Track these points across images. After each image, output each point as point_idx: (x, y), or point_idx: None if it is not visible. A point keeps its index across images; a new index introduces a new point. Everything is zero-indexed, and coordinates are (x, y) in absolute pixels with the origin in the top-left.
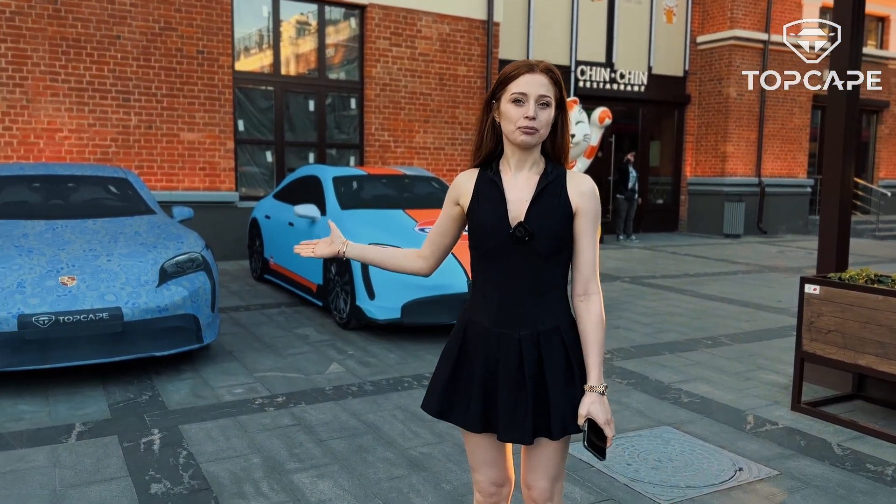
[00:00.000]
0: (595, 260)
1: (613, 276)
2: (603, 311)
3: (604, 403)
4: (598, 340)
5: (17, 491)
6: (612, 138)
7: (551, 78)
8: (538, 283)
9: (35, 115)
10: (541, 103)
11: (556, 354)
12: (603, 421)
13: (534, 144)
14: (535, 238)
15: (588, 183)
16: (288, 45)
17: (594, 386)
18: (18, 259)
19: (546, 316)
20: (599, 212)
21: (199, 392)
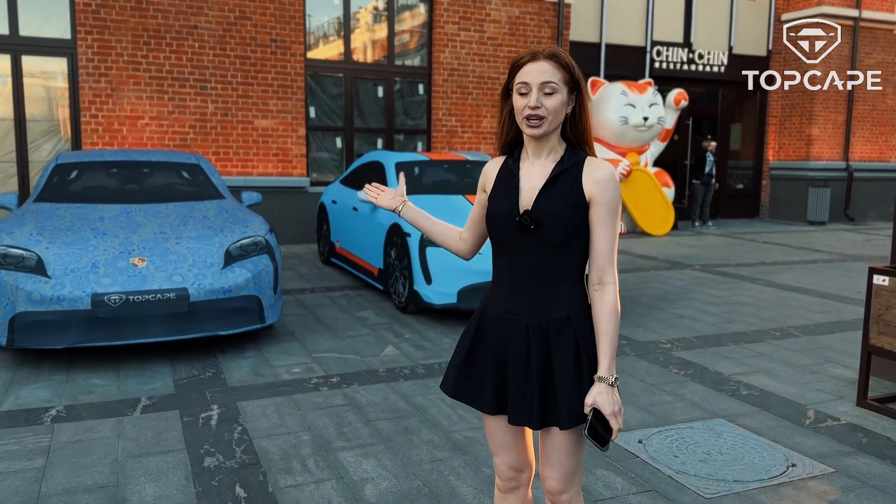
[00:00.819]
0: (611, 249)
1: (684, 264)
2: (617, 302)
3: (612, 394)
4: (610, 330)
5: (83, 459)
6: (689, 121)
7: (557, 62)
8: (548, 271)
9: (119, 104)
10: (545, 91)
11: (565, 344)
12: (608, 412)
13: (541, 134)
14: (543, 227)
15: (604, 170)
16: (358, 32)
17: (603, 376)
18: (94, 241)
19: (556, 305)
20: (617, 200)
21: (260, 370)
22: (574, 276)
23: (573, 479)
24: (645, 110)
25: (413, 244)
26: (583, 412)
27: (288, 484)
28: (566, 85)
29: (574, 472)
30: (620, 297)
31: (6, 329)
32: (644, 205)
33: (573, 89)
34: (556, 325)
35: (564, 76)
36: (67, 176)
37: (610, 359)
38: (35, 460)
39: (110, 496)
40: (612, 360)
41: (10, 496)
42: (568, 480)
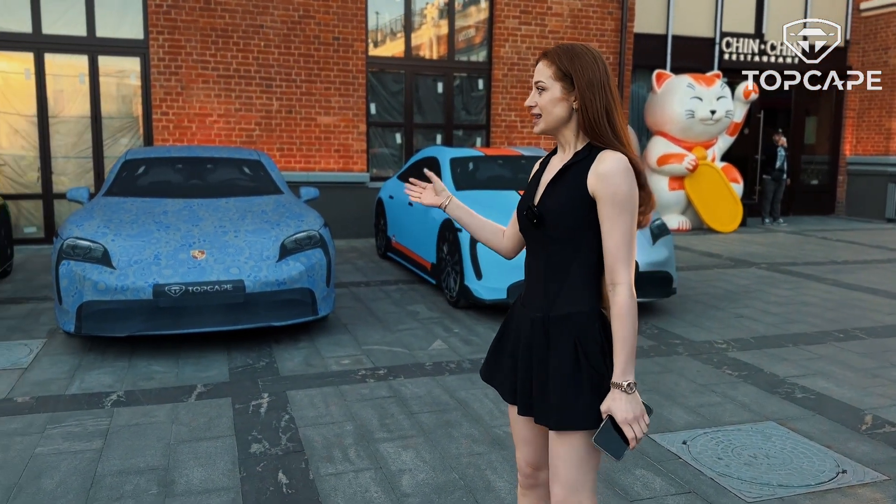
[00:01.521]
0: (619, 248)
1: (749, 262)
2: (629, 303)
3: (627, 401)
4: (622, 335)
5: (138, 442)
6: (760, 114)
7: (548, 60)
8: (553, 267)
9: (188, 102)
10: (538, 89)
11: (563, 343)
12: (620, 419)
13: (540, 130)
14: (544, 222)
15: (607, 163)
16: (419, 29)
17: (615, 382)
18: (157, 234)
19: (560, 301)
20: (624, 194)
21: (311, 361)
22: (587, 275)
23: (579, 495)
24: (712, 103)
25: (464, 239)
26: (575, 417)
27: (328, 472)
28: (558, 81)
29: (577, 489)
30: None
31: (74, 317)
32: (710, 201)
33: (572, 83)
34: (555, 323)
35: (556, 72)
36: (135, 171)
37: (624, 363)
38: (94, 442)
39: (160, 478)
40: (627, 364)
41: (68, 475)
42: (570, 495)
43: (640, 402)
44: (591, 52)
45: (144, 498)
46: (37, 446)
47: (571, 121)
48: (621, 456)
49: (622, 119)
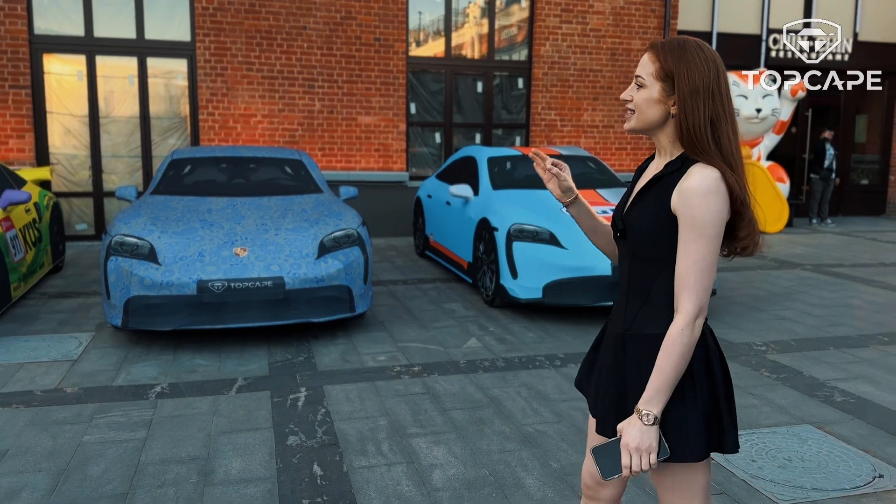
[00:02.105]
0: (687, 275)
1: (794, 264)
2: (679, 334)
3: (639, 429)
4: (660, 364)
5: (180, 433)
6: (808, 112)
7: (654, 54)
8: (635, 283)
9: (233, 102)
10: (636, 83)
11: (641, 364)
12: (624, 442)
13: (630, 128)
14: (627, 235)
15: (692, 179)
16: (459, 28)
17: (638, 406)
18: (201, 231)
19: (639, 320)
20: (704, 216)
21: (348, 357)
22: (667, 296)
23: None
24: (758, 101)
25: (500, 238)
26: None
27: (361, 465)
28: (658, 80)
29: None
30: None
31: (121, 311)
32: (756, 200)
33: (674, 85)
34: (634, 342)
35: (658, 70)
36: (181, 170)
37: (653, 392)
38: (138, 432)
39: (200, 468)
40: (655, 395)
41: (113, 463)
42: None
43: (654, 436)
44: (704, 52)
45: (185, 486)
46: (84, 435)
47: (668, 126)
48: (607, 477)
49: (733, 133)
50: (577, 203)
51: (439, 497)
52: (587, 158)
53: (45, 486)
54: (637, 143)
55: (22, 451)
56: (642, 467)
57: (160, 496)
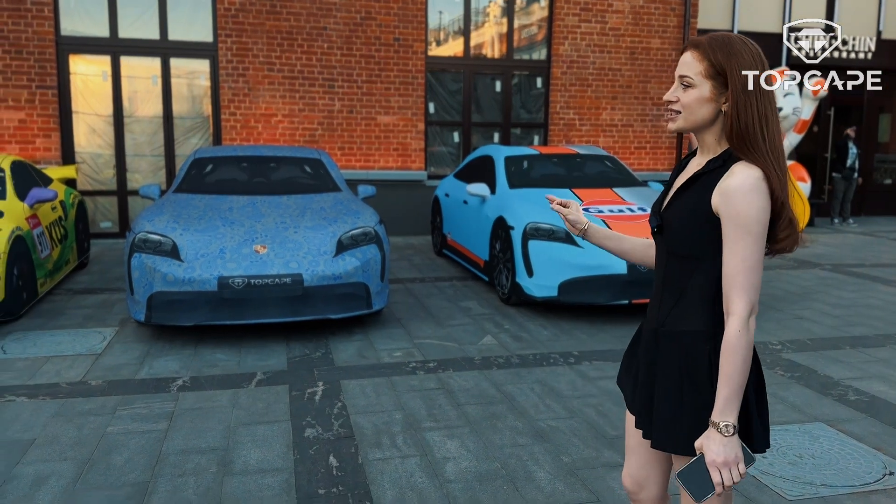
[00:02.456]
0: (735, 274)
1: (813, 263)
2: (737, 336)
3: (721, 443)
4: (725, 370)
5: (200, 425)
6: (830, 111)
7: (700, 53)
8: (670, 281)
9: (255, 102)
10: (682, 84)
11: (671, 361)
12: (709, 460)
13: (676, 129)
14: (664, 232)
15: (736, 179)
16: (478, 28)
17: (713, 420)
18: (222, 229)
19: (673, 318)
20: (749, 215)
21: (364, 353)
22: (705, 293)
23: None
24: (778, 100)
25: (516, 237)
26: (676, 439)
27: (376, 457)
28: (708, 79)
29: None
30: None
31: (145, 307)
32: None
33: (724, 83)
34: (665, 339)
35: (707, 69)
36: (203, 169)
37: (724, 402)
38: (160, 423)
39: (219, 458)
40: (727, 403)
41: (136, 453)
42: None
43: (737, 446)
44: (750, 47)
45: (204, 476)
46: (108, 426)
47: (716, 124)
48: (701, 499)
49: (778, 130)
50: (591, 229)
51: (451, 489)
52: (605, 157)
53: (71, 474)
54: (656, 142)
55: (48, 440)
56: (734, 480)
57: (181, 485)
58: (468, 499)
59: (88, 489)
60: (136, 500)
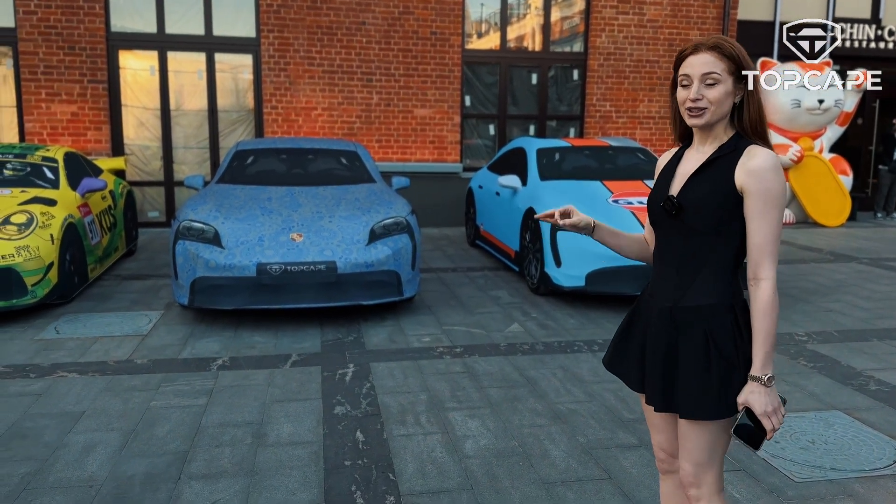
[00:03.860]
0: (766, 244)
1: (850, 257)
2: (773, 298)
3: (766, 393)
4: (763, 328)
5: (237, 401)
6: (875, 103)
7: (720, 53)
8: (688, 259)
9: (295, 96)
10: (707, 82)
11: (693, 334)
12: (760, 412)
13: (703, 125)
14: (685, 213)
15: (759, 159)
16: (514, 21)
17: (755, 375)
18: (261, 218)
19: (692, 293)
20: (776, 191)
21: (394, 338)
22: (721, 268)
23: (705, 475)
24: (820, 92)
25: (545, 228)
26: (706, 407)
27: (400, 433)
28: (731, 75)
29: (705, 467)
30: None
31: (188, 291)
32: (816, 193)
33: (740, 79)
34: (685, 314)
35: (729, 66)
36: (245, 161)
37: (763, 357)
38: (200, 399)
39: (254, 431)
40: (767, 358)
41: (177, 425)
42: (697, 474)
43: (777, 394)
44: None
45: (240, 447)
46: (152, 400)
47: (727, 115)
48: (760, 447)
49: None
50: (598, 229)
51: (469, 464)
52: (637, 150)
53: (117, 443)
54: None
55: (97, 412)
56: (780, 423)
57: (217, 454)
58: (485, 473)
59: (133, 456)
60: (176, 466)
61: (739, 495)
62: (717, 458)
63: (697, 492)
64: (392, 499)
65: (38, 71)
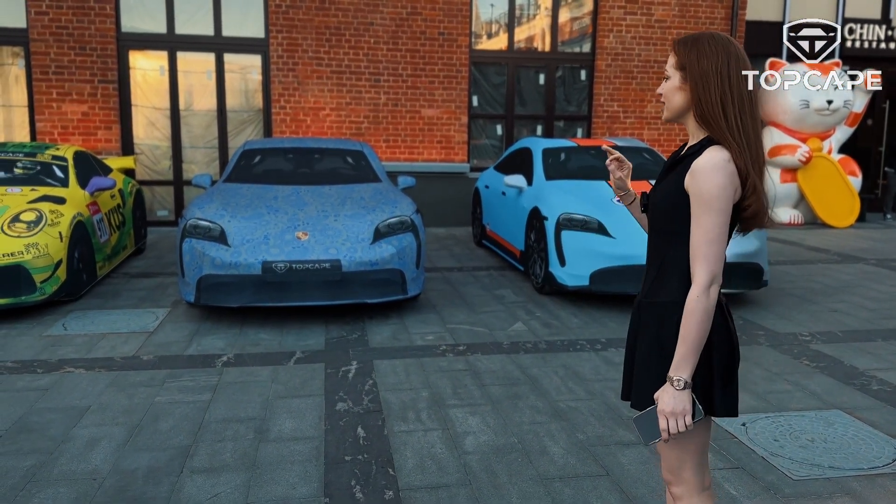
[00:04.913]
0: (697, 246)
1: (857, 258)
2: (695, 302)
3: (672, 395)
4: (683, 332)
5: (241, 396)
6: (885, 104)
7: (672, 50)
8: (653, 255)
9: (304, 96)
10: (665, 78)
11: (647, 329)
12: (659, 409)
13: (665, 118)
14: (649, 211)
15: (702, 159)
16: (522, 21)
17: (669, 374)
18: (267, 216)
19: (652, 289)
20: (709, 192)
21: (398, 335)
22: (676, 266)
23: (680, 473)
24: (829, 93)
25: (549, 227)
26: (645, 401)
27: (401, 430)
28: (678, 69)
29: (678, 466)
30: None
31: (194, 288)
32: (825, 194)
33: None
34: (645, 309)
35: (677, 61)
36: (252, 160)
37: (679, 359)
38: (204, 394)
39: (257, 426)
40: (682, 361)
41: (181, 420)
42: (673, 472)
43: (687, 400)
44: (714, 39)
45: (242, 441)
46: (156, 396)
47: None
48: (648, 443)
49: (743, 113)
50: (634, 205)
51: (469, 459)
52: (644, 150)
53: (122, 437)
54: None
55: (102, 407)
56: (679, 429)
57: (220, 449)
58: (483, 468)
59: (137, 450)
60: (179, 461)
61: (737, 492)
62: (690, 456)
63: (677, 490)
64: (391, 493)
65: (49, 71)
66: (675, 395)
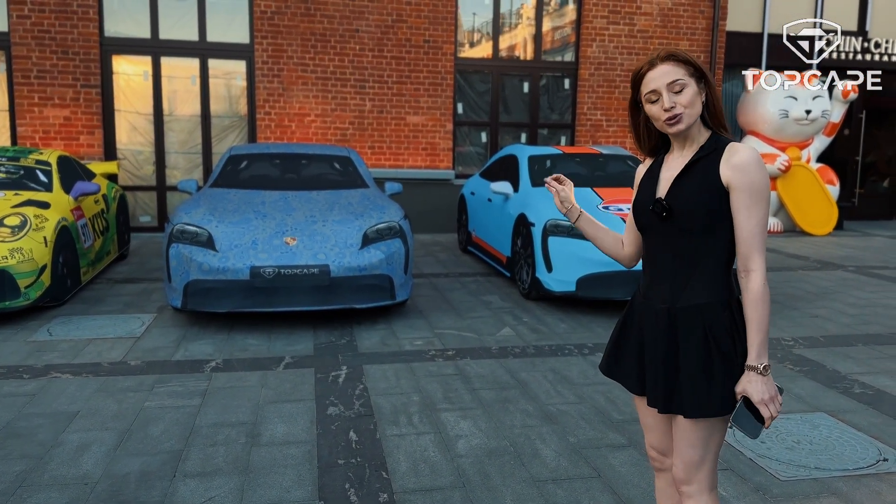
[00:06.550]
0: (754, 236)
1: (836, 265)
2: (763, 289)
3: (762, 382)
4: (756, 318)
5: (231, 402)
6: (861, 114)
7: (676, 61)
8: (682, 259)
9: (289, 102)
10: (675, 90)
11: (693, 333)
12: (757, 400)
13: (684, 128)
14: (675, 214)
15: (741, 155)
16: (506, 30)
17: (751, 364)
18: (255, 222)
19: (688, 294)
20: (760, 184)
21: (387, 341)
22: (715, 266)
23: (697, 472)
24: (808, 103)
25: (536, 233)
26: (710, 404)
27: (393, 433)
28: (692, 77)
29: (698, 465)
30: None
31: (181, 294)
32: (804, 203)
33: (700, 79)
34: (684, 314)
35: (688, 70)
36: (238, 165)
37: (759, 346)
38: (193, 400)
39: (248, 431)
40: (762, 347)
41: (171, 425)
42: (690, 471)
43: (773, 383)
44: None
45: (234, 446)
46: (146, 401)
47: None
48: (758, 435)
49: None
50: (582, 217)
51: (461, 462)
52: (627, 157)
53: (112, 442)
54: None
55: (91, 413)
56: (777, 411)
57: (211, 453)
58: (476, 471)
59: (128, 455)
60: (171, 465)
61: (726, 493)
62: (710, 456)
63: (689, 489)
64: (385, 496)
65: (31, 75)
66: (765, 381)
